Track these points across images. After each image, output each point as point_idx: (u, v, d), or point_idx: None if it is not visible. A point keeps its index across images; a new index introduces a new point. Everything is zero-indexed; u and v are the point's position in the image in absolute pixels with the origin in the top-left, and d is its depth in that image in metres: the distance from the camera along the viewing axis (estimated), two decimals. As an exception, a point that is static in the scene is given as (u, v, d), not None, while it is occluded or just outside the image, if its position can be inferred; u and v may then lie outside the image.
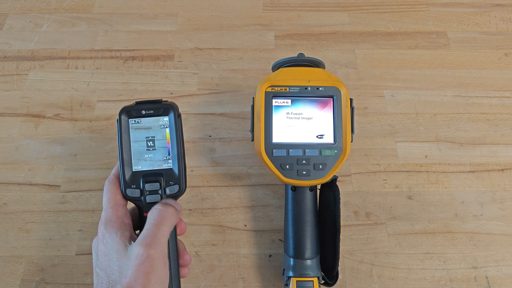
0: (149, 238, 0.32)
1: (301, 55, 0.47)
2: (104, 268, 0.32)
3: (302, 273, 0.42)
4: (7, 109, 0.57)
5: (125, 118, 0.37)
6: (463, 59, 0.62)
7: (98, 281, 0.33)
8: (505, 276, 0.47)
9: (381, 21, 0.65)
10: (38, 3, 0.67)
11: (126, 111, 0.37)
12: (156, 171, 0.36)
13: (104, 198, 0.36)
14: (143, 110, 0.37)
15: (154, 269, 0.32)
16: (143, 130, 0.37)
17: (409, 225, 0.50)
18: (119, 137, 0.36)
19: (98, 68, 0.60)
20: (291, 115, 0.44)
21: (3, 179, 0.52)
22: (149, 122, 0.37)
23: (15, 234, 0.49)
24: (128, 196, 0.36)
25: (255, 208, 0.51)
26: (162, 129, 0.37)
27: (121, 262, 0.32)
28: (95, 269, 0.34)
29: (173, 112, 0.37)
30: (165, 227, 0.33)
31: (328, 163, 0.42)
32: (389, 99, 0.58)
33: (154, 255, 0.32)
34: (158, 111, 0.37)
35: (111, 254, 0.33)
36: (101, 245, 0.34)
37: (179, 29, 0.64)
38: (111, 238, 0.33)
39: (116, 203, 0.35)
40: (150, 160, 0.36)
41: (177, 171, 0.36)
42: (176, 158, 0.36)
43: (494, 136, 0.55)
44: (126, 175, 0.36)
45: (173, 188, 0.36)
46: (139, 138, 0.37)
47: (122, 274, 0.31)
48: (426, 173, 0.53)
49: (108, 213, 0.35)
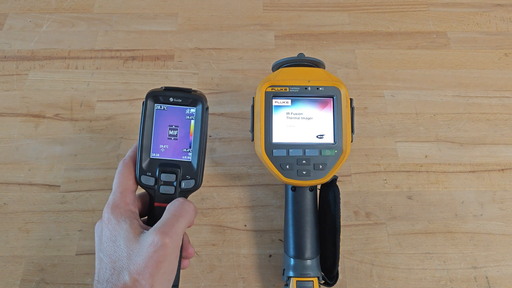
0: (166, 227, 0.32)
1: (301, 55, 0.47)
2: (108, 254, 0.32)
3: (302, 273, 0.42)
4: (7, 109, 0.57)
5: (151, 102, 0.35)
6: (463, 59, 0.62)
7: (101, 266, 0.32)
8: (505, 276, 0.47)
9: (381, 21, 0.65)
10: (38, 3, 0.67)
11: (153, 95, 0.35)
12: (174, 161, 0.35)
13: (115, 180, 0.35)
14: (171, 98, 0.35)
15: (166, 259, 0.31)
16: (168, 117, 0.35)
17: (409, 225, 0.50)
18: (142, 121, 0.35)
19: (98, 68, 0.60)
20: (291, 115, 0.44)
21: (3, 179, 0.52)
22: (175, 110, 0.35)
23: (15, 234, 0.49)
24: (142, 183, 0.35)
25: (255, 208, 0.51)
26: (187, 119, 0.35)
27: (131, 249, 0.31)
28: (97, 253, 0.33)
29: (201, 104, 0.36)
30: (184, 220, 0.33)
31: (328, 163, 0.42)
32: (389, 99, 0.58)
33: (169, 245, 0.31)
34: (187, 100, 0.35)
35: (118, 240, 0.32)
36: (106, 230, 0.33)
37: (179, 29, 0.64)
38: (119, 225, 0.32)
39: (126, 188, 0.34)
40: (169, 149, 0.35)
41: (195, 165, 0.35)
42: (197, 152, 0.35)
43: (494, 136, 0.55)
44: (143, 161, 0.35)
45: (189, 182, 0.35)
46: (162, 125, 0.35)
47: (130, 261, 0.31)
48: (426, 173, 0.53)
49: (116, 198, 0.34)
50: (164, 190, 0.35)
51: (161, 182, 0.35)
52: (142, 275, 0.31)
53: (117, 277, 0.31)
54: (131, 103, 0.57)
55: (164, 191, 0.35)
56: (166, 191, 0.35)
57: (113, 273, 0.31)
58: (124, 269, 0.31)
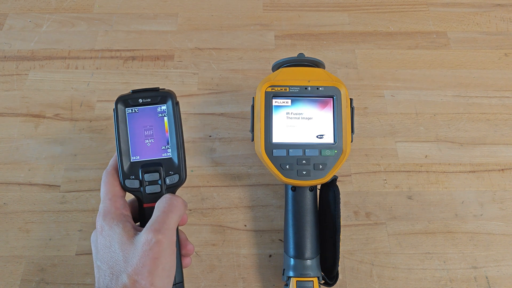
0: (158, 224, 0.32)
1: (301, 55, 0.47)
2: (105, 260, 0.32)
3: (302, 273, 0.42)
4: (7, 109, 0.57)
5: (121, 107, 0.36)
6: (463, 59, 0.62)
7: (100, 274, 0.32)
8: (505, 276, 0.47)
9: (381, 21, 0.65)
10: (38, 3, 0.67)
11: (122, 100, 0.36)
12: (155, 161, 0.35)
13: (102, 189, 0.35)
14: (140, 99, 0.36)
15: (162, 255, 0.32)
16: (141, 119, 0.36)
17: (409, 225, 0.50)
18: (116, 127, 0.36)
19: (98, 68, 0.60)
20: (291, 115, 0.44)
21: (3, 179, 0.52)
22: (146, 111, 0.36)
23: (15, 234, 0.49)
24: (127, 187, 0.35)
25: (255, 208, 0.51)
26: (160, 117, 0.36)
27: (126, 252, 0.32)
28: (95, 262, 0.33)
29: (171, 100, 0.36)
30: (174, 215, 0.33)
31: (328, 163, 0.42)
32: (389, 99, 0.58)
33: (163, 240, 0.32)
34: (156, 99, 0.36)
35: (113, 246, 0.32)
36: (101, 238, 0.33)
37: (179, 29, 0.64)
38: (112, 230, 0.33)
39: (115, 194, 0.35)
40: (148, 149, 0.36)
41: (176, 160, 0.36)
42: (176, 147, 0.35)
43: (494, 136, 0.55)
44: (125, 166, 0.35)
45: (173, 177, 0.35)
46: (137, 128, 0.36)
47: (127, 263, 0.31)
48: (426, 173, 0.53)
49: (107, 205, 0.34)
50: (150, 190, 0.35)
51: (146, 182, 0.35)
52: (141, 274, 0.31)
53: (116, 281, 0.31)
54: (131, 103, 0.57)
55: (150, 190, 0.35)
56: (153, 190, 0.35)
57: (112, 278, 0.31)
58: (122, 272, 0.31)
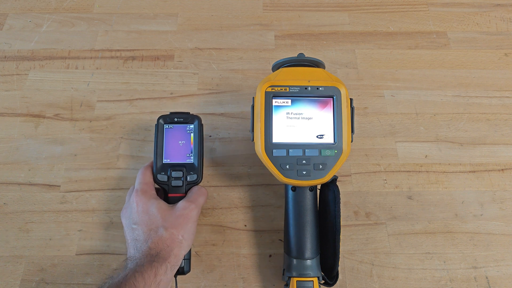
0: (192, 198, 0.44)
1: (301, 55, 0.47)
2: (143, 221, 0.41)
3: (302, 273, 0.42)
4: (7, 109, 0.57)
5: (161, 122, 0.48)
6: (463, 59, 0.62)
7: (134, 233, 0.41)
8: (505, 276, 0.47)
9: (381, 21, 0.65)
10: (38, 3, 0.67)
11: (163, 117, 0.49)
12: (181, 163, 0.47)
13: (139, 177, 0.46)
14: (175, 118, 0.48)
15: (192, 218, 0.42)
16: (174, 133, 0.48)
17: (409, 225, 0.50)
18: (156, 136, 0.48)
19: (98, 68, 0.60)
20: (291, 115, 0.44)
21: (3, 179, 0.52)
22: (179, 127, 0.48)
23: (15, 234, 0.49)
24: (158, 180, 0.46)
25: (255, 208, 0.51)
26: (188, 133, 0.48)
27: (164, 214, 0.42)
28: (130, 226, 0.42)
29: (197, 121, 0.49)
30: (202, 197, 0.45)
31: (328, 163, 0.42)
32: (389, 99, 0.58)
33: (195, 208, 0.43)
34: (187, 119, 0.49)
35: (151, 210, 0.42)
36: (138, 207, 0.42)
37: (179, 29, 0.64)
38: (150, 202, 0.43)
39: (149, 181, 0.46)
40: (177, 155, 0.48)
41: (196, 164, 0.47)
42: (197, 155, 0.47)
43: (494, 136, 0.55)
44: (158, 165, 0.47)
45: (193, 176, 0.47)
46: (171, 139, 0.48)
47: (165, 221, 0.41)
48: (426, 173, 0.53)
49: (143, 187, 0.44)
50: (175, 183, 0.46)
51: (172, 178, 0.46)
52: (176, 228, 0.41)
53: (154, 233, 0.40)
54: (131, 103, 0.57)
55: (175, 184, 0.46)
56: (176, 184, 0.46)
57: (150, 232, 0.40)
58: (160, 226, 0.41)
